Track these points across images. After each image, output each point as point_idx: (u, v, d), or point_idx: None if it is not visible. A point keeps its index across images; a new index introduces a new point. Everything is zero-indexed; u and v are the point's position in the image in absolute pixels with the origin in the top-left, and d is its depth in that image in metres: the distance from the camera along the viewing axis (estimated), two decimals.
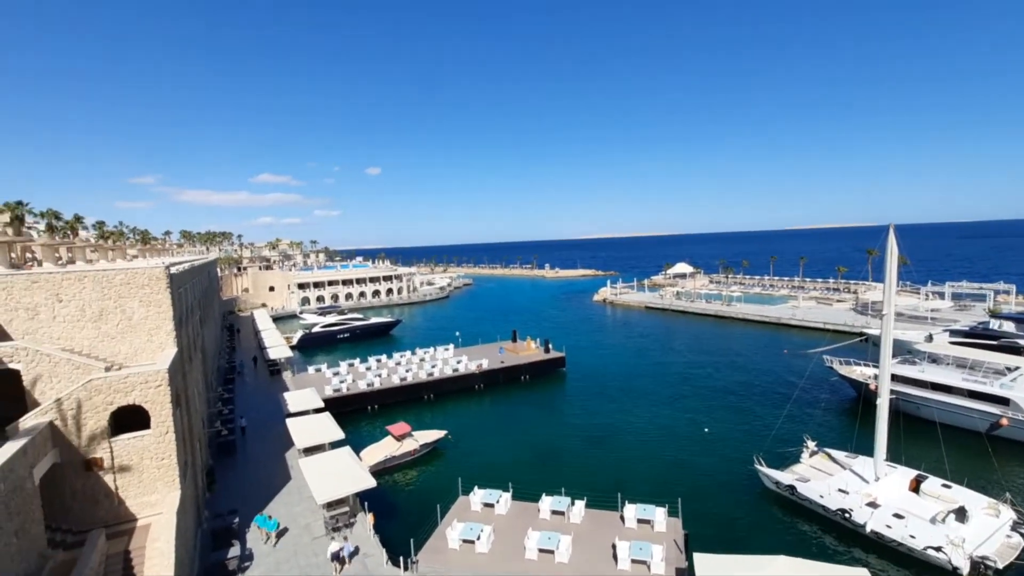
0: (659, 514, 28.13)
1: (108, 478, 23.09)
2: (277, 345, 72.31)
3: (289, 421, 40.18)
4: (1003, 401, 40.40)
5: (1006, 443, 39.33)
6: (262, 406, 52.06)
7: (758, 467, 34.73)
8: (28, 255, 39.78)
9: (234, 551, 26.15)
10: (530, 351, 69.93)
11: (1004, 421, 40.06)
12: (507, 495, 31.13)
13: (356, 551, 27.01)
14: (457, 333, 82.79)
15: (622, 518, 28.70)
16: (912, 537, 26.70)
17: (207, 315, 58.88)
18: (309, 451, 36.63)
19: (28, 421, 21.03)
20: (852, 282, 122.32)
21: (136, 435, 23.56)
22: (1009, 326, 55.16)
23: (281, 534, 28.43)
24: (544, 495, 30.70)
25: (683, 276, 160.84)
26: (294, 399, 46.62)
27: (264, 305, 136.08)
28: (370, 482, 30.08)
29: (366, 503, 30.65)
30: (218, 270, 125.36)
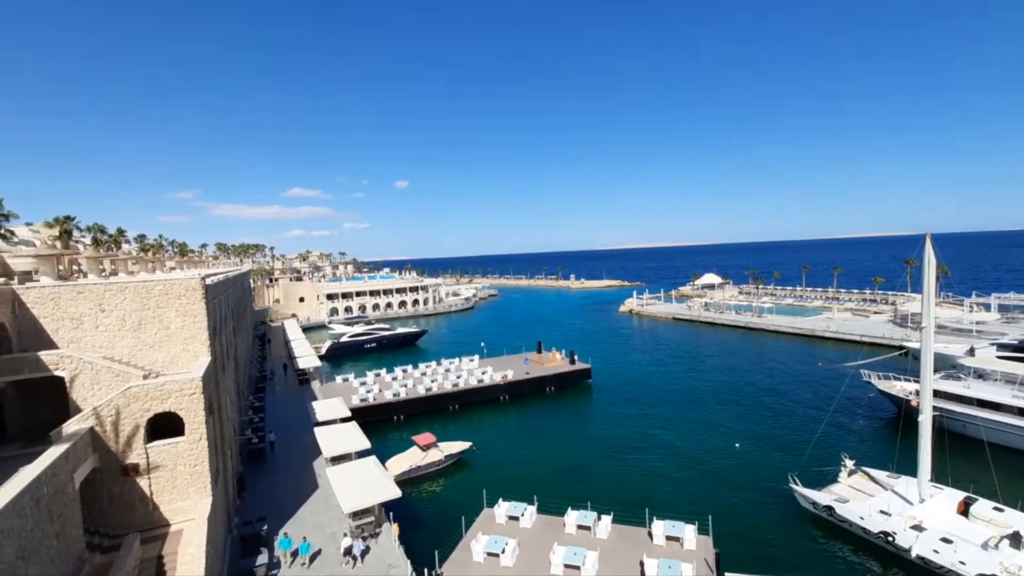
0: (689, 531, 27.37)
1: (144, 483, 23.66)
2: (306, 355, 73.57)
3: (317, 430, 40.67)
4: None
5: None
6: (291, 415, 52.88)
7: (793, 486, 33.55)
8: (75, 267, 41.53)
9: (262, 558, 26.45)
10: (555, 362, 69.46)
11: None
12: (532, 508, 30.77)
13: (368, 550, 27.91)
14: (482, 344, 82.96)
15: (650, 534, 28.02)
16: (962, 563, 25.28)
17: (240, 325, 60.36)
18: (336, 460, 36.95)
19: (71, 427, 21.75)
20: (890, 293, 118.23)
21: (171, 441, 24.12)
22: None
23: (313, 556, 27.32)
24: (570, 509, 30.24)
25: (711, 287, 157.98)
26: (322, 408, 47.22)
27: (294, 315, 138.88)
28: (395, 492, 30.14)
29: (391, 513, 30.67)
30: (251, 281, 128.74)
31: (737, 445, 44.40)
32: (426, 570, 25.60)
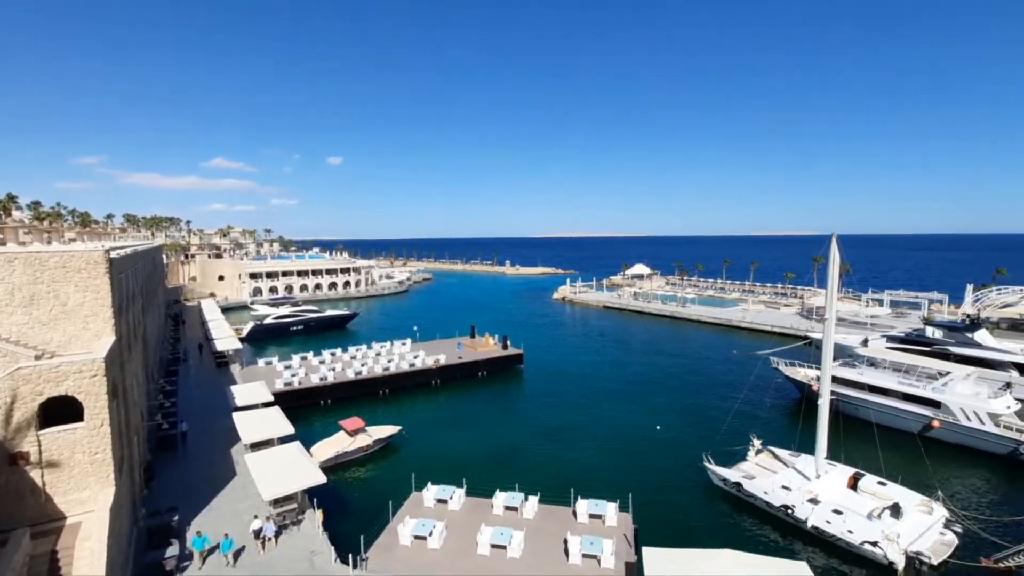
0: (610, 509, 28.55)
1: (35, 473, 21.56)
2: (225, 336, 69.62)
3: (236, 415, 38.73)
4: (935, 404, 43.02)
5: (937, 444, 41.89)
6: (207, 400, 49.98)
7: (707, 464, 35.77)
8: None
9: (172, 550, 24.94)
10: (488, 347, 69.81)
11: (936, 423, 42.67)
12: (461, 491, 30.94)
13: (280, 532, 27.41)
14: (415, 328, 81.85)
15: (574, 513, 28.98)
16: (850, 532, 28.03)
17: (150, 303, 56.04)
18: (256, 446, 35.36)
19: None
20: (799, 288, 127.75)
21: (68, 428, 22.08)
22: (940, 334, 58.75)
23: (236, 554, 25.54)
24: (498, 491, 30.66)
25: (641, 277, 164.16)
26: (242, 392, 44.96)
27: (213, 295, 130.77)
28: (320, 478, 29.31)
29: (315, 500, 29.80)
30: (164, 257, 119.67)
31: (658, 427, 46.69)
32: (351, 556, 25.16)
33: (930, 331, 60.20)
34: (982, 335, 57.00)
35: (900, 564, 26.13)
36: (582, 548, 25.07)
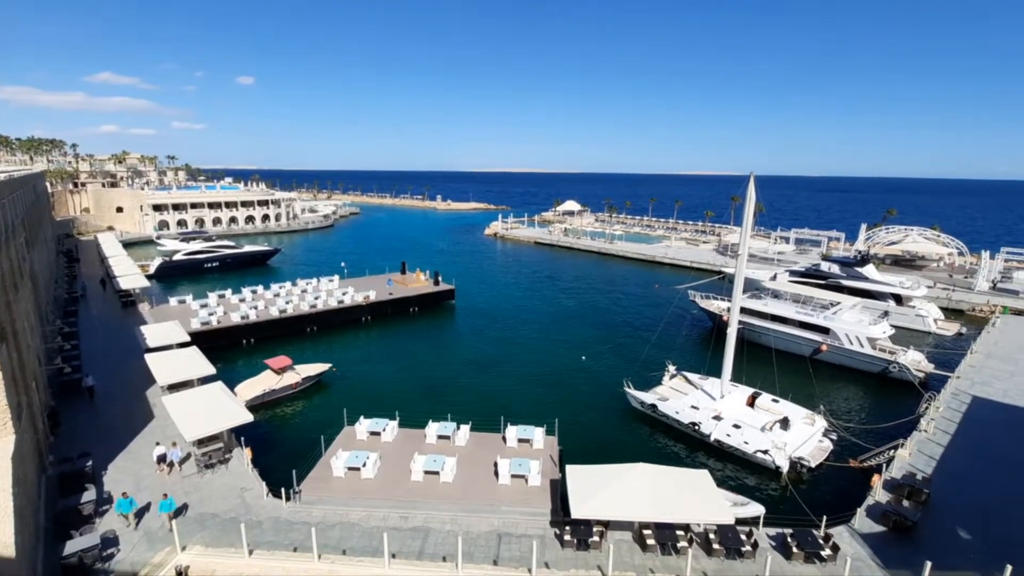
0: (537, 434, 30.27)
1: None
2: (130, 274, 64.32)
3: (148, 356, 36.60)
4: (825, 331, 48.05)
5: (824, 365, 47.23)
6: (114, 341, 46.68)
7: (626, 390, 38.42)
8: None
9: (88, 495, 23.97)
10: (419, 283, 69.29)
11: (824, 347, 47.85)
12: (394, 423, 31.51)
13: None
14: (343, 264, 79.35)
15: (504, 439, 30.50)
16: (746, 443, 31.59)
17: (35, 237, 50.34)
18: (174, 388, 33.88)
19: None
20: (718, 225, 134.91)
21: None
22: (836, 268, 64.78)
23: (177, 512, 23.88)
24: (431, 421, 31.51)
25: (571, 213, 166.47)
26: (153, 333, 42.37)
27: (111, 228, 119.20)
28: (246, 416, 28.77)
29: (243, 438, 29.33)
30: (48, 185, 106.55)
31: (583, 358, 49.16)
32: (283, 490, 25.33)
33: (826, 266, 66.24)
34: (870, 270, 63.54)
35: (785, 467, 29.99)
36: (511, 469, 26.62)
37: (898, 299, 60.00)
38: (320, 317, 56.92)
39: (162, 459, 27.18)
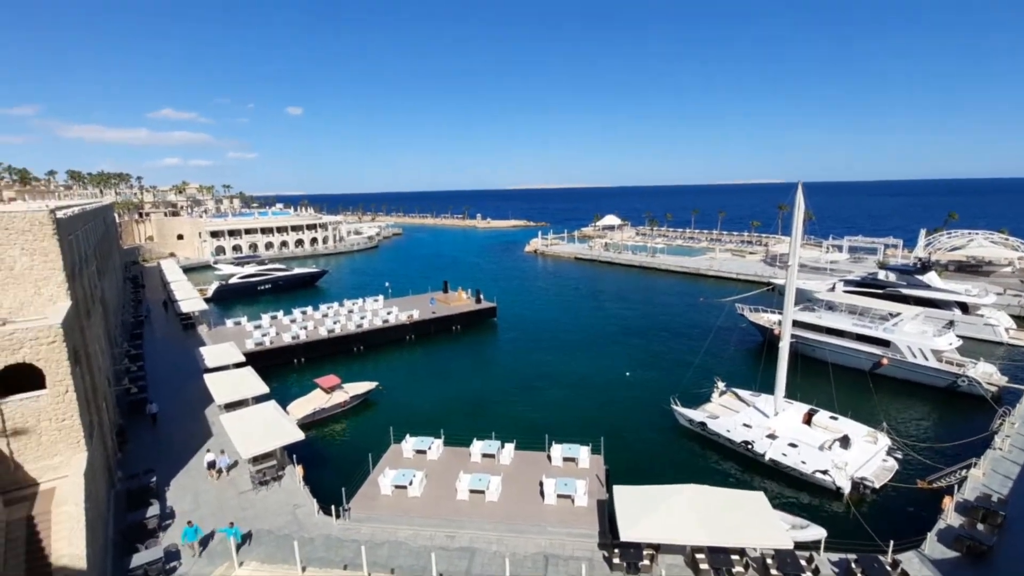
0: (583, 452, 29.83)
1: (0, 442, 21.13)
2: (190, 297, 67.86)
3: (207, 376, 38.32)
4: (885, 343, 45.53)
5: (886, 380, 44.61)
6: (175, 362, 49.16)
7: (674, 407, 37.39)
8: None
9: (153, 510, 25.14)
10: (461, 302, 70.01)
11: (885, 361, 45.29)
12: (439, 441, 31.73)
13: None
14: (387, 284, 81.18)
15: (549, 457, 30.19)
16: (803, 463, 30.08)
17: (105, 265, 53.93)
18: (231, 407, 35.25)
19: None
20: (764, 235, 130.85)
21: (30, 396, 21.53)
22: (894, 277, 61.54)
23: (244, 539, 24.04)
24: (475, 440, 31.56)
25: (611, 228, 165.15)
26: (211, 354, 44.37)
27: (172, 255, 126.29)
28: (298, 435, 29.62)
29: (295, 456, 30.20)
30: (116, 216, 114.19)
31: (628, 374, 48.28)
32: (333, 507, 25.83)
33: (883, 275, 63.01)
34: (931, 277, 59.99)
35: (846, 489, 28.33)
36: (557, 489, 26.28)
37: (964, 308, 56.28)
38: (366, 336, 58.27)
39: (212, 465, 29.37)
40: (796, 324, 45.96)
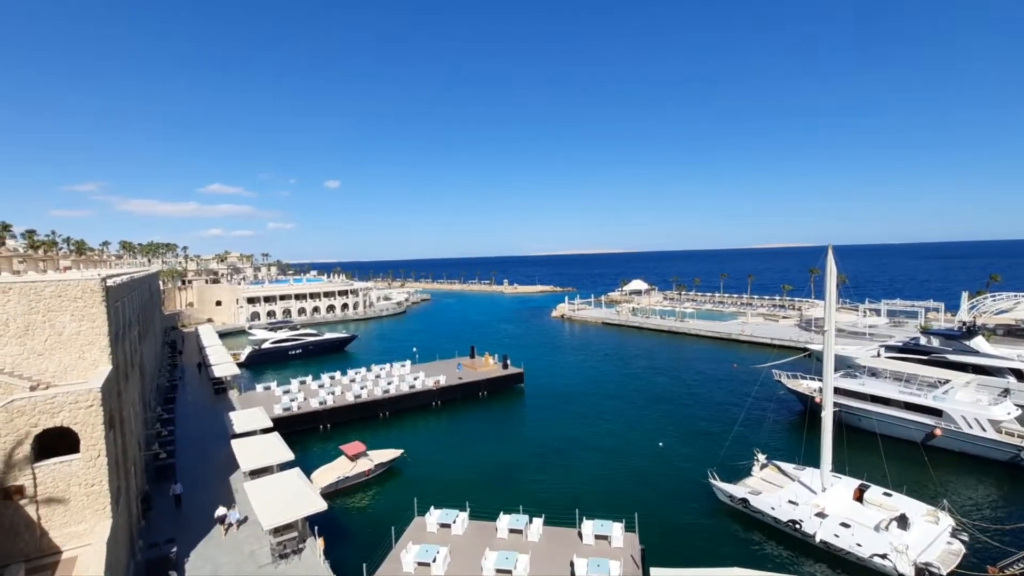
0: (616, 529, 28.14)
1: (30, 508, 21.18)
2: (223, 362, 69.13)
3: (234, 442, 38.26)
4: (936, 412, 42.84)
5: (940, 452, 41.63)
6: (205, 427, 49.42)
7: (712, 481, 35.38)
8: None
9: None
10: (488, 367, 69.47)
11: (938, 431, 42.44)
12: (464, 514, 30.49)
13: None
14: (414, 349, 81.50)
15: (580, 534, 28.54)
16: (859, 545, 27.65)
17: (146, 330, 55.80)
18: (255, 473, 34.88)
19: None
20: (796, 299, 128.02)
21: (63, 460, 21.76)
22: (938, 342, 58.78)
23: None
24: (502, 513, 30.23)
25: (638, 293, 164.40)
26: (240, 419, 44.51)
27: (210, 320, 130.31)
28: (321, 505, 28.86)
29: (316, 527, 29.30)
30: (160, 283, 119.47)
31: (660, 444, 46.27)
32: None
33: (926, 340, 60.25)
34: (979, 342, 57.02)
35: (910, 575, 25.76)
36: (589, 570, 24.63)
37: (1019, 374, 52.95)
38: (392, 402, 57.88)
39: (222, 520, 30.11)
40: (838, 392, 43.90)
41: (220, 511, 30.67)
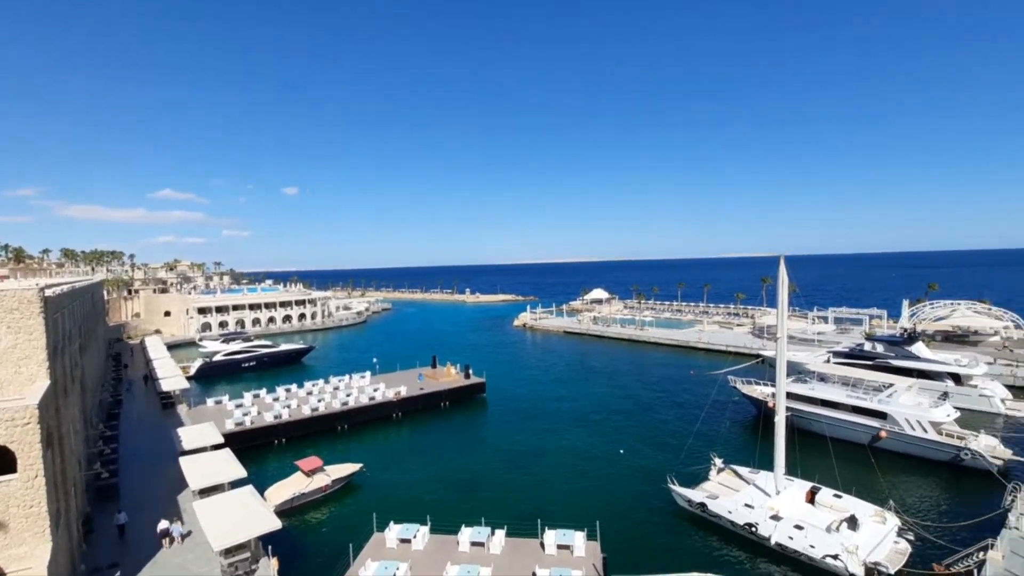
0: (578, 539, 28.21)
1: None
2: (172, 376, 66.06)
3: (183, 460, 36.52)
4: (881, 415, 45.00)
5: (886, 454, 43.69)
6: (151, 444, 46.98)
7: (671, 486, 35.99)
8: None
9: None
10: (450, 377, 68.88)
11: (883, 434, 44.55)
12: (425, 528, 29.99)
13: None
14: (374, 359, 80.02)
15: (542, 545, 28.49)
16: (812, 547, 28.59)
17: (89, 343, 52.80)
18: (205, 492, 33.32)
19: None
20: (750, 307, 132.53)
21: (1, 480, 20.32)
22: (882, 348, 61.93)
23: None
24: (463, 526, 29.86)
25: (599, 302, 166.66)
26: (189, 435, 42.56)
27: (158, 332, 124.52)
28: (275, 524, 27.80)
29: (270, 547, 28.15)
30: (105, 293, 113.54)
31: (621, 451, 46.83)
32: None
33: (870, 345, 63.38)
34: (919, 348, 60.45)
35: (860, 575, 26.77)
36: None
37: (956, 378, 56.34)
38: (351, 414, 56.55)
39: (164, 534, 28.85)
40: (790, 396, 45.48)
41: (162, 524, 29.37)
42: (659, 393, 67.29)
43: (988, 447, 40.38)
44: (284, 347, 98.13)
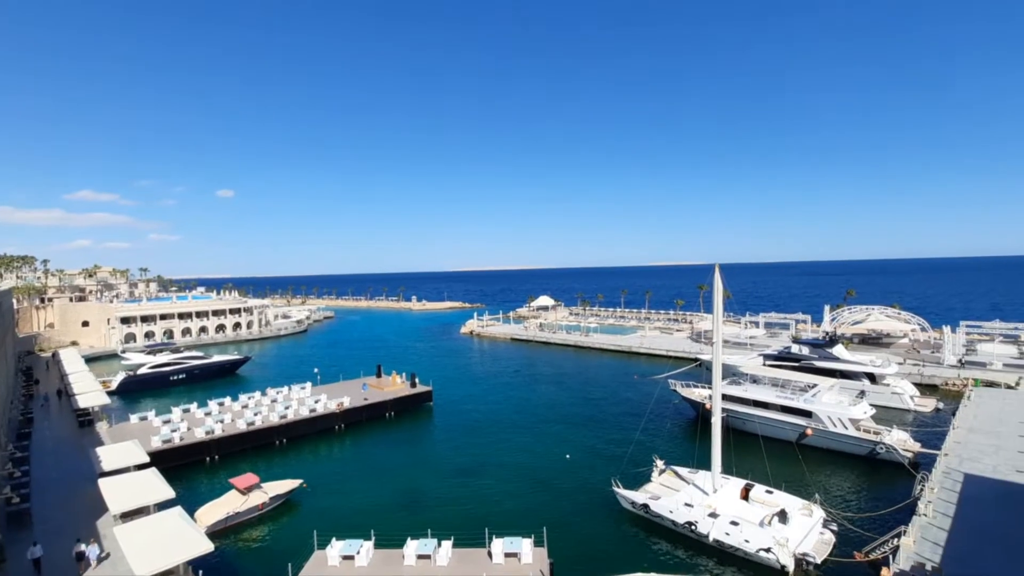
0: (525, 546, 28.25)
1: None
2: (90, 391, 61.18)
3: (102, 482, 33.82)
4: (807, 414, 47.82)
5: (812, 450, 46.39)
6: (66, 466, 43.25)
7: (615, 489, 36.73)
8: None
9: None
10: (395, 386, 67.59)
11: (809, 431, 47.34)
12: (369, 544, 29.14)
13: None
14: (316, 370, 77.41)
15: (489, 554, 28.33)
16: (747, 542, 29.90)
17: None
18: (128, 516, 31.05)
19: None
20: (688, 313, 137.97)
21: None
22: (806, 350, 65.98)
23: None
24: (409, 539, 29.25)
25: (546, 308, 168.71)
26: (110, 454, 39.51)
27: (75, 343, 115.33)
28: (206, 546, 26.20)
29: (201, 571, 26.54)
30: (15, 301, 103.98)
31: (568, 456, 47.38)
32: None
33: (796, 348, 67.41)
34: (839, 350, 64.88)
35: (791, 567, 28.27)
36: None
37: (872, 378, 60.81)
38: (290, 428, 54.29)
39: (80, 557, 27.12)
40: (725, 398, 47.57)
41: (78, 547, 27.48)
42: (604, 398, 68.67)
43: (900, 441, 43.79)
44: (217, 358, 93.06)
